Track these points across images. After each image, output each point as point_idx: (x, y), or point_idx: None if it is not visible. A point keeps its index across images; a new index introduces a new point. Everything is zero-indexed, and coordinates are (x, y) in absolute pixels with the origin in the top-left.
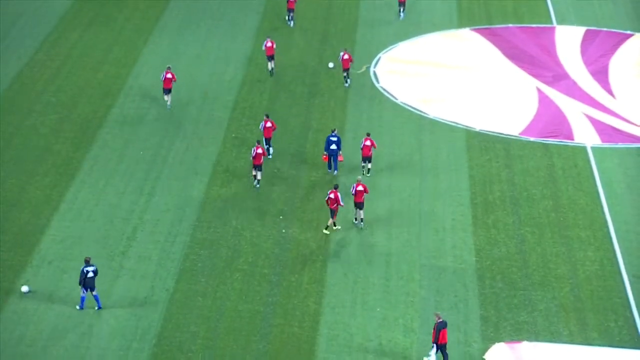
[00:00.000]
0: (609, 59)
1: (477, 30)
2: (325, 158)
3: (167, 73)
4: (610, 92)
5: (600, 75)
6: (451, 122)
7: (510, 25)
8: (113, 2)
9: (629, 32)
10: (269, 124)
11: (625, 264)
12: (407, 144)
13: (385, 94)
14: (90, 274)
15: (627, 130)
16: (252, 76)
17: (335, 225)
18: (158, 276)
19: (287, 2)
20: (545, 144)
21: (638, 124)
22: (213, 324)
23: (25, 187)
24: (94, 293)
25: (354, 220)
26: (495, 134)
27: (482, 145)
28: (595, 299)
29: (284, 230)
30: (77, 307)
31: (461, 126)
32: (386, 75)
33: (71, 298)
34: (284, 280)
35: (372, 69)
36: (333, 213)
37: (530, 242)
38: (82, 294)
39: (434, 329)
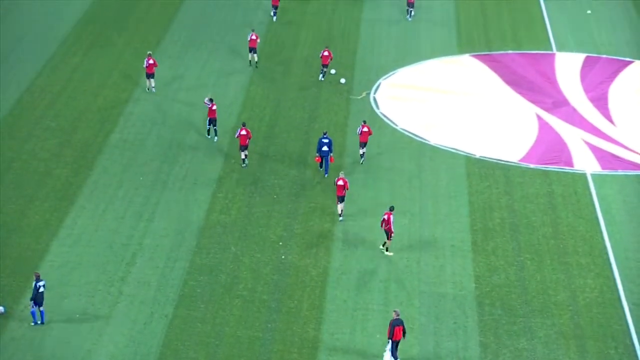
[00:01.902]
0: (608, 85)
1: (476, 56)
2: (317, 159)
3: (149, 59)
4: (609, 119)
5: (600, 102)
6: (451, 148)
7: (510, 51)
8: (113, 26)
9: (628, 59)
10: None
11: (625, 291)
12: (407, 169)
13: (385, 120)
14: (42, 289)
15: (626, 157)
16: (251, 101)
17: (387, 250)
18: (157, 302)
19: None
20: (545, 170)
21: (638, 151)
22: (212, 350)
23: (24, 211)
24: (40, 308)
25: (339, 218)
26: (495, 161)
27: (482, 172)
28: (595, 326)
29: (283, 256)
30: (31, 324)
31: (461, 152)
32: (386, 101)
33: (71, 324)
34: (283, 306)
35: (372, 95)
36: (388, 234)
37: (530, 268)
38: (31, 309)
39: (389, 324)
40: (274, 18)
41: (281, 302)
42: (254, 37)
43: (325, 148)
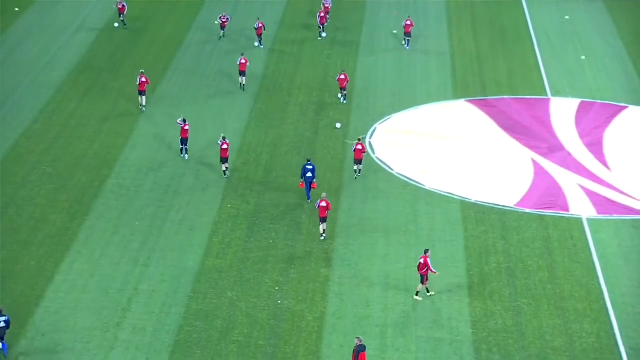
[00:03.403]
0: (603, 130)
1: (472, 101)
2: (301, 185)
3: (141, 77)
4: (605, 163)
5: (595, 146)
6: (447, 193)
7: (505, 96)
8: (109, 72)
9: (622, 104)
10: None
11: (622, 336)
12: (403, 214)
13: (381, 164)
14: (2, 324)
15: (622, 202)
16: (248, 146)
17: (428, 292)
18: (153, 348)
19: (256, 29)
20: (541, 215)
21: (633, 196)
22: None
23: (19, 258)
24: (2, 342)
25: (321, 237)
26: (491, 205)
27: (478, 217)
28: None
29: (279, 302)
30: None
31: (457, 197)
32: (382, 146)
33: None
34: (280, 352)
35: (368, 140)
36: (423, 278)
37: (527, 313)
38: None
39: (353, 351)
40: (261, 46)
41: (277, 347)
42: (243, 61)
43: (309, 174)
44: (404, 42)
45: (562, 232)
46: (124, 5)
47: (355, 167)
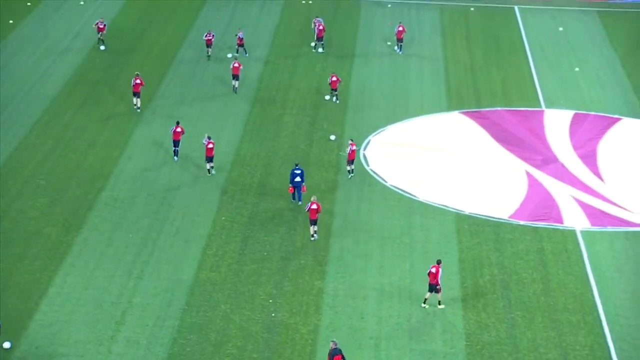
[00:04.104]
0: (597, 142)
1: (466, 113)
2: (290, 190)
3: (136, 79)
4: (598, 175)
5: (589, 158)
6: (441, 205)
7: (499, 108)
8: (104, 84)
9: (616, 116)
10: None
11: (615, 349)
12: (397, 226)
13: (375, 176)
14: None
15: (615, 214)
16: (242, 159)
17: (440, 304)
18: None
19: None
20: (534, 227)
21: (626, 208)
22: None
23: (13, 271)
24: None
25: (311, 238)
26: (485, 217)
27: (472, 229)
28: None
29: (273, 314)
30: None
31: (451, 209)
32: (376, 158)
33: None
34: None
35: (362, 152)
36: (434, 288)
37: (521, 326)
38: None
39: (328, 354)
40: (246, 54)
41: None
42: (236, 64)
43: (297, 179)
44: (396, 48)
45: (556, 244)
46: (104, 25)
47: (349, 168)
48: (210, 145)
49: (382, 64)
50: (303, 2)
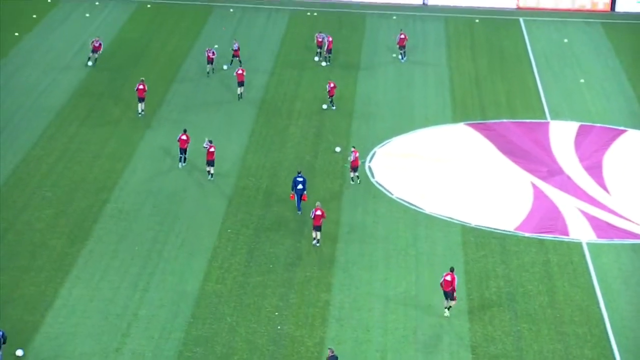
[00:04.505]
0: (603, 154)
1: (471, 125)
2: (292, 197)
3: (139, 84)
4: (604, 187)
5: (595, 170)
6: (446, 217)
7: (505, 120)
8: (109, 96)
9: (622, 127)
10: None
11: None
12: (403, 238)
13: (381, 188)
14: None
15: (621, 226)
16: (247, 170)
17: (448, 307)
18: None
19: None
20: (540, 239)
21: (633, 220)
22: None
23: (19, 283)
24: None
25: (313, 242)
26: (490, 230)
27: (478, 241)
28: None
29: (279, 327)
30: None
31: (456, 221)
32: (381, 170)
33: None
34: None
35: (367, 164)
36: (450, 295)
37: (527, 338)
38: None
39: None
40: (240, 65)
41: None
42: (240, 71)
43: (300, 186)
44: (399, 56)
45: (561, 256)
46: (100, 44)
47: (352, 175)
48: (212, 149)
49: (387, 75)
50: (308, 13)
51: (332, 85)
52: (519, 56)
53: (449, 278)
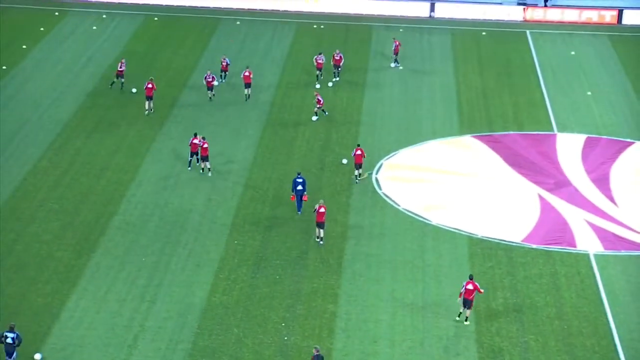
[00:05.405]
0: (610, 166)
1: (478, 137)
2: (292, 198)
3: (148, 83)
4: (612, 199)
5: (602, 182)
6: (453, 228)
7: (511, 132)
8: (116, 109)
9: (629, 140)
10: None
11: None
12: (410, 250)
13: (388, 200)
14: (9, 340)
15: (629, 237)
16: (254, 183)
17: (459, 316)
18: None
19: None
20: (548, 251)
21: None
22: None
23: (26, 294)
24: (9, 358)
25: (316, 239)
26: (497, 241)
27: (485, 252)
28: None
29: (286, 338)
30: None
31: (463, 233)
32: (388, 182)
33: None
34: None
35: (374, 176)
36: (469, 304)
37: (535, 350)
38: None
39: None
40: (222, 80)
41: None
42: (247, 73)
43: (299, 187)
44: (392, 64)
45: (569, 267)
46: (123, 69)
47: (356, 172)
48: (205, 145)
49: (393, 87)
50: (315, 26)
51: (319, 97)
52: (525, 68)
53: (470, 287)
